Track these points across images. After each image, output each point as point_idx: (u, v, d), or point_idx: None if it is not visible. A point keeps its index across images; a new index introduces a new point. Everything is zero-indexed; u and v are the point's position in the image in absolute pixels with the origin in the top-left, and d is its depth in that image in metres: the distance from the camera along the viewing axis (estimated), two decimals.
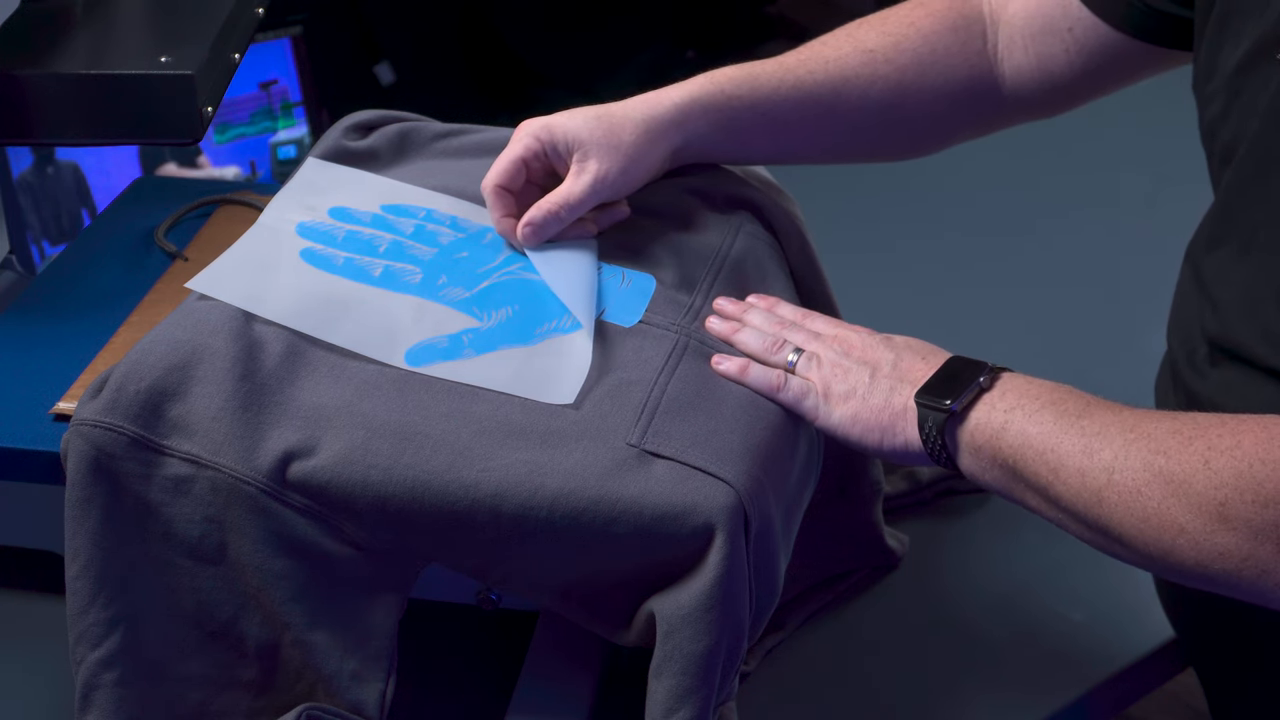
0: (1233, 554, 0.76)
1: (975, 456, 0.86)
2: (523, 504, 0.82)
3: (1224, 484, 0.76)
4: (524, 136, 0.99)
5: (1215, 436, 0.77)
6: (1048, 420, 0.83)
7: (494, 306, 0.95)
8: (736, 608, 0.83)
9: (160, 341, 0.88)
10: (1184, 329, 1.01)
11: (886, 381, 0.90)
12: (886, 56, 1.06)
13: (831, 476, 1.04)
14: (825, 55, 1.06)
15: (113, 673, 0.85)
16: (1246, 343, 0.91)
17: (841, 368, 0.91)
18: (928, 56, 1.06)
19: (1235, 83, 0.91)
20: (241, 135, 2.23)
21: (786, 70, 1.05)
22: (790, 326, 0.96)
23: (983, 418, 0.86)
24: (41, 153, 1.89)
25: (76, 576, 0.85)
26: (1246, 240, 0.91)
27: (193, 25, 1.10)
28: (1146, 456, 0.79)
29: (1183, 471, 0.77)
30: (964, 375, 0.88)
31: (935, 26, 1.07)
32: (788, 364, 0.93)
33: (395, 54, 2.71)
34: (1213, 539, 0.76)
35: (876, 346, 0.93)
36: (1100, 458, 0.80)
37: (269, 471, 0.83)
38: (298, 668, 0.87)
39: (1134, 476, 0.79)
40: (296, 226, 1.01)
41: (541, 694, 0.92)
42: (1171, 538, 0.78)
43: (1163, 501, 0.78)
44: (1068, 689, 1.04)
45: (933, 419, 0.87)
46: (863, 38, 1.07)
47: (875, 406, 0.89)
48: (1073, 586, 1.10)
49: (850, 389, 0.90)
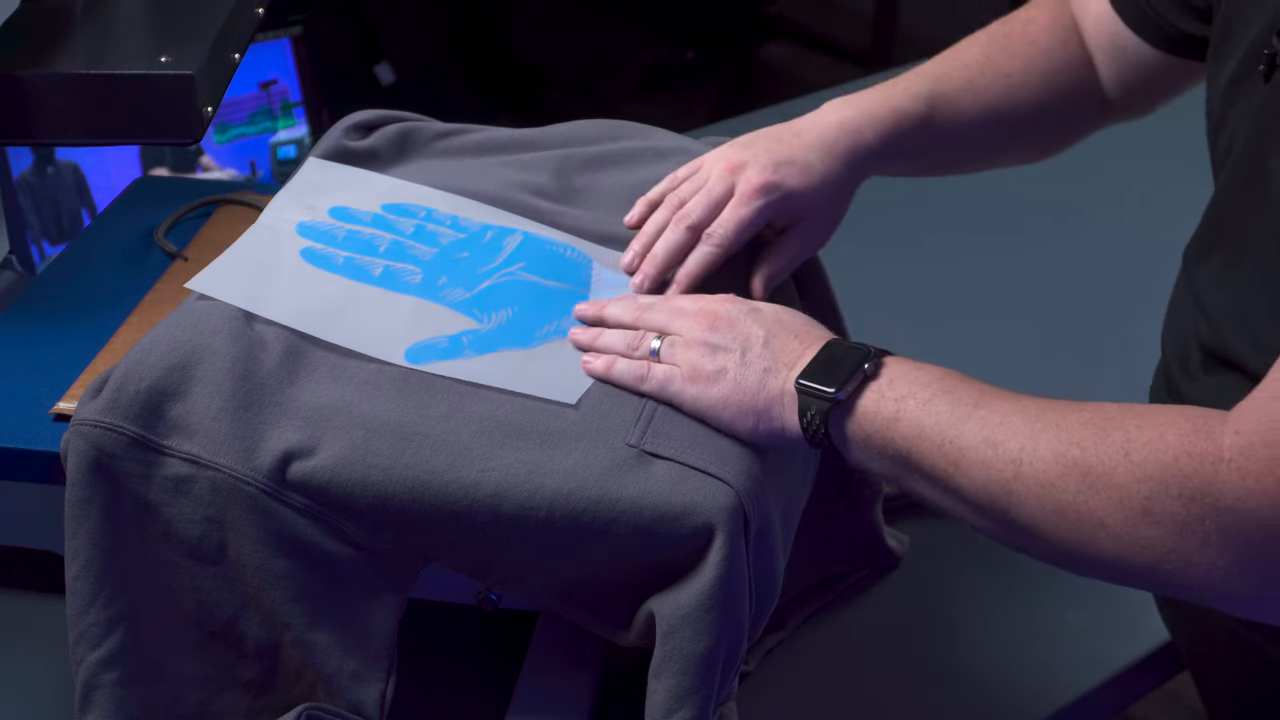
0: (1155, 547, 0.74)
1: (863, 447, 0.84)
2: (522, 504, 0.82)
3: (1148, 477, 0.74)
4: (766, 209, 0.97)
5: (1134, 428, 0.75)
6: (942, 409, 0.81)
7: (494, 308, 0.95)
8: (736, 608, 0.83)
9: (160, 341, 0.88)
10: (1178, 334, 1.01)
11: (759, 362, 0.87)
12: (1021, 80, 1.09)
13: (831, 476, 1.04)
14: (976, 85, 1.08)
15: (113, 673, 0.85)
16: (1236, 349, 0.91)
17: (708, 346, 0.88)
18: (1051, 74, 1.10)
19: (1230, 93, 0.92)
20: (241, 135, 2.23)
21: (950, 103, 1.07)
22: (650, 309, 0.93)
23: (871, 407, 0.83)
24: (41, 153, 1.89)
25: (76, 576, 0.85)
26: (1237, 248, 0.91)
27: (193, 25, 1.10)
28: (1058, 447, 0.77)
29: (1101, 464, 0.75)
30: (847, 361, 0.85)
31: (1050, 43, 1.10)
32: (651, 353, 0.90)
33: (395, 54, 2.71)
34: (1135, 532, 0.74)
35: (744, 319, 0.89)
36: (1006, 449, 0.78)
37: (269, 471, 0.83)
38: (298, 668, 0.87)
39: (1045, 468, 0.77)
40: (297, 226, 1.01)
41: (541, 694, 0.92)
42: (1090, 531, 0.75)
43: (1079, 494, 0.75)
44: (1067, 689, 1.04)
45: (816, 407, 0.84)
46: (999, 62, 1.10)
47: (749, 389, 0.86)
48: (1073, 587, 1.10)
49: (719, 369, 0.87)
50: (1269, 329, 0.87)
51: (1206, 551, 0.73)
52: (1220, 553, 0.73)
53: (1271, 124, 0.86)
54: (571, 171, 1.08)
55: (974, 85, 1.08)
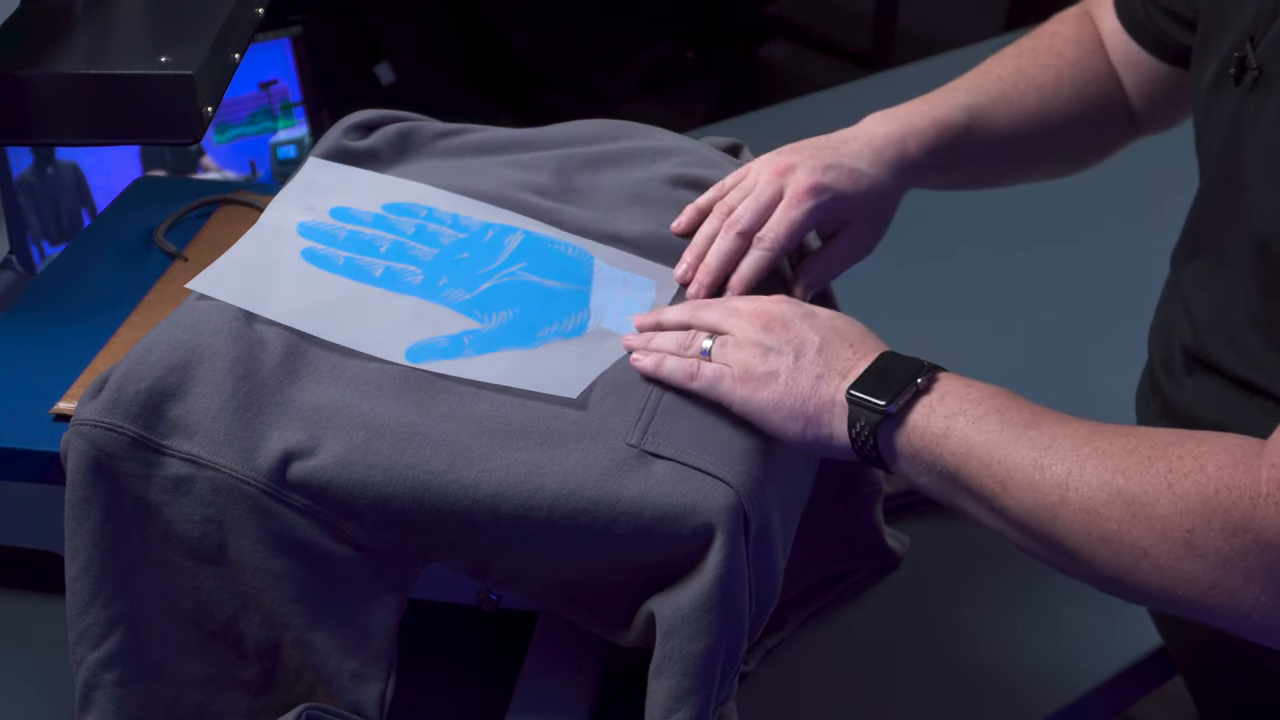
0: (1199, 581, 0.74)
1: (911, 461, 0.83)
2: (523, 504, 0.82)
3: (1190, 509, 0.73)
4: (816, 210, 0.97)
5: (1176, 458, 0.75)
6: (992, 429, 0.80)
7: (494, 309, 0.96)
8: (736, 608, 0.83)
9: (160, 341, 0.88)
10: (1163, 338, 1.01)
11: (812, 368, 0.86)
12: (1053, 90, 1.10)
13: (831, 476, 1.04)
14: (1011, 96, 1.09)
15: (113, 673, 0.85)
16: (1215, 353, 0.91)
17: (761, 348, 0.87)
18: (1080, 85, 1.11)
19: (1208, 98, 0.92)
20: (241, 135, 2.23)
21: (987, 114, 1.08)
22: (705, 308, 0.92)
23: (921, 421, 0.83)
24: (41, 153, 1.89)
25: (76, 576, 0.85)
26: (1216, 252, 0.92)
27: (193, 25, 1.10)
28: (1104, 475, 0.76)
29: (1144, 494, 0.75)
30: (899, 374, 0.84)
31: (1078, 54, 1.11)
32: (702, 353, 0.89)
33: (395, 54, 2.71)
34: (1178, 565, 0.74)
35: (799, 323, 0.88)
36: (1053, 473, 0.78)
37: (269, 471, 0.83)
38: (298, 668, 0.87)
39: (1091, 495, 0.76)
40: (297, 226, 1.01)
41: (541, 694, 0.92)
42: (1133, 560, 0.75)
43: (1123, 523, 0.75)
44: (1068, 689, 1.04)
45: (866, 418, 0.83)
46: (1031, 73, 1.10)
47: (800, 394, 0.85)
48: (1072, 587, 1.09)
49: (772, 371, 0.86)
50: (1246, 333, 0.87)
51: (1250, 587, 0.72)
52: (1265, 588, 0.72)
53: (1244, 128, 0.87)
54: (572, 171, 1.08)
55: (1008, 96, 1.08)
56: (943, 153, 1.04)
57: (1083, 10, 1.14)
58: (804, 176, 0.97)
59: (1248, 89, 0.86)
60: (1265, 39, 0.85)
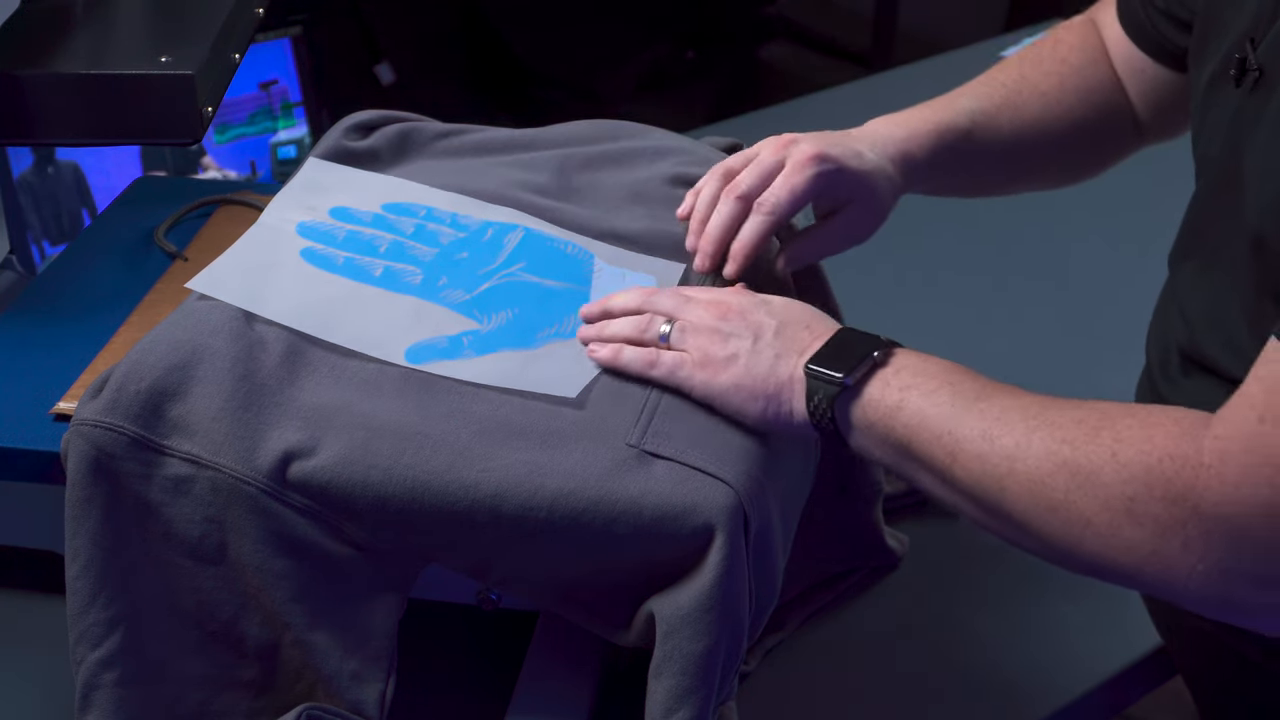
0: (1138, 549, 0.74)
1: (866, 433, 0.84)
2: (523, 504, 0.82)
3: (1133, 478, 0.74)
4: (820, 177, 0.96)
5: (1124, 428, 0.76)
6: (944, 400, 0.81)
7: (494, 309, 0.96)
8: (736, 608, 0.83)
9: (160, 341, 0.88)
10: (1160, 338, 1.01)
11: (770, 349, 0.87)
12: (1056, 98, 1.10)
13: (831, 476, 1.04)
14: (1014, 103, 1.09)
15: (113, 673, 0.85)
16: (1212, 353, 0.91)
17: (720, 334, 0.88)
18: (1084, 93, 1.10)
19: (1205, 99, 0.92)
20: (241, 135, 2.23)
21: (990, 120, 1.08)
22: (657, 294, 0.93)
23: (876, 394, 0.84)
24: (41, 153, 1.89)
25: (76, 576, 0.85)
26: (1212, 253, 0.92)
27: (193, 25, 1.10)
28: (1050, 445, 0.77)
29: (1089, 463, 0.75)
30: (857, 348, 0.86)
31: (1082, 62, 1.11)
32: (660, 337, 0.90)
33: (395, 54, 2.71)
34: (1119, 533, 0.74)
35: (755, 309, 0.90)
36: (1001, 444, 0.78)
37: (269, 471, 0.83)
38: (298, 668, 0.87)
39: (1037, 465, 0.77)
40: (297, 226, 1.01)
41: (541, 694, 0.92)
42: (1078, 530, 0.76)
43: (1069, 493, 0.76)
44: (1067, 688, 1.04)
45: (823, 391, 0.84)
46: (1034, 79, 1.10)
47: (759, 374, 0.87)
48: (1072, 586, 1.10)
49: (731, 354, 0.87)
50: (1242, 333, 0.87)
51: (1187, 556, 0.73)
52: (1201, 557, 0.73)
53: (1242, 130, 0.87)
54: (571, 170, 1.08)
55: (1012, 103, 1.09)
56: (945, 157, 1.04)
57: (1087, 19, 1.14)
58: (808, 146, 0.97)
59: (1248, 91, 0.86)
60: (1265, 40, 0.85)
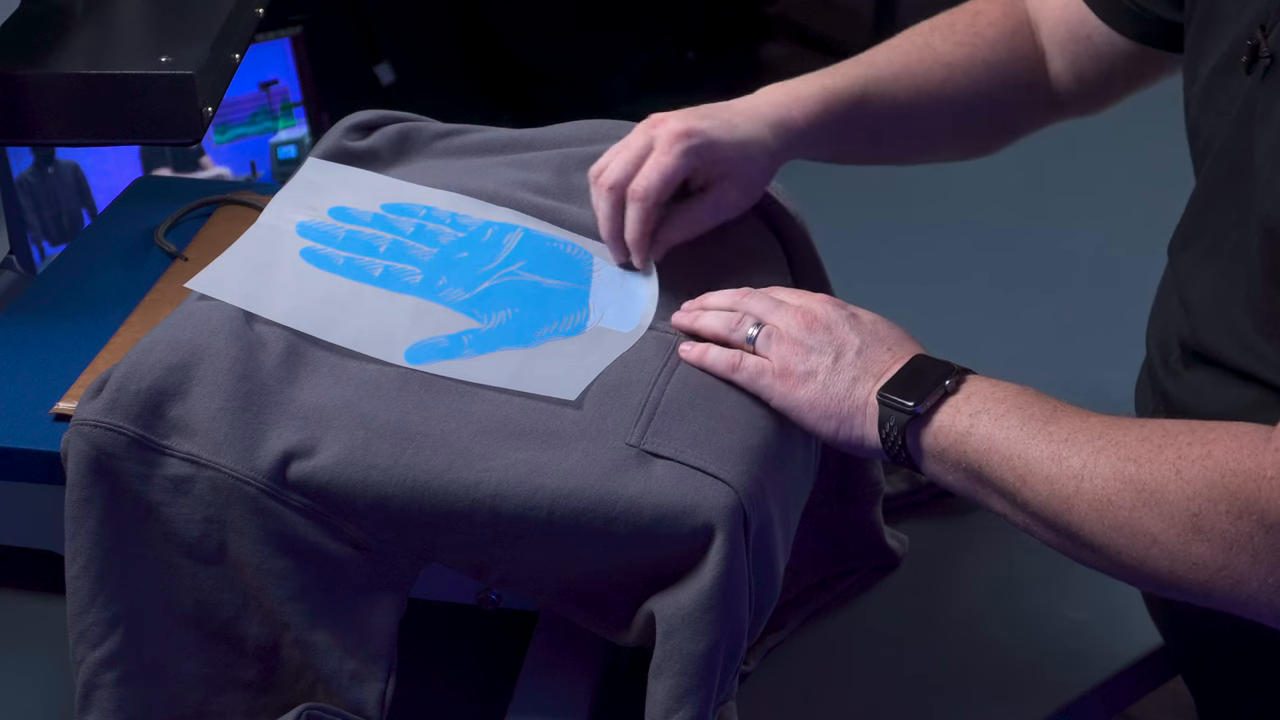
0: (1207, 565, 0.75)
1: (938, 459, 0.85)
2: (522, 504, 0.82)
3: (1197, 494, 0.74)
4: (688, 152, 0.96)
5: (1185, 445, 0.76)
6: (1013, 425, 0.82)
7: (494, 308, 0.96)
8: (736, 607, 0.83)
9: (160, 341, 0.88)
10: (1160, 331, 1.01)
11: (850, 370, 0.88)
12: (963, 69, 1.08)
13: (831, 476, 1.04)
14: (914, 71, 1.08)
15: (113, 672, 0.85)
16: (1215, 345, 0.91)
17: (803, 346, 0.89)
18: (995, 65, 1.09)
19: (1210, 87, 0.92)
20: (241, 135, 2.23)
21: (884, 88, 1.07)
22: (749, 296, 0.94)
23: (947, 421, 0.84)
24: (41, 153, 1.89)
25: (76, 576, 0.85)
26: (1215, 243, 0.91)
27: (193, 25, 1.11)
28: (1116, 464, 0.78)
29: (1154, 480, 0.76)
30: (929, 375, 0.86)
31: (998, 35, 1.10)
32: (747, 339, 0.91)
33: (395, 54, 2.71)
34: (1187, 550, 0.75)
35: (842, 324, 0.90)
36: (1069, 465, 0.79)
37: (269, 471, 0.83)
38: (298, 668, 0.87)
39: (1104, 485, 0.78)
40: (297, 226, 1.01)
41: (541, 694, 0.92)
42: (1145, 547, 0.77)
43: (1134, 510, 0.77)
44: (1067, 689, 1.04)
45: (895, 419, 0.85)
46: (940, 49, 1.09)
47: (836, 395, 0.88)
48: (1072, 587, 1.10)
49: (810, 370, 0.88)
50: (1246, 324, 0.87)
51: (1257, 568, 0.73)
52: (1272, 569, 0.73)
53: (1251, 118, 0.86)
54: (571, 170, 1.08)
55: (911, 70, 1.07)
56: (830, 122, 1.03)
57: None
58: (674, 123, 0.97)
59: (1259, 78, 0.85)
60: (1278, 27, 0.84)
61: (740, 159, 0.99)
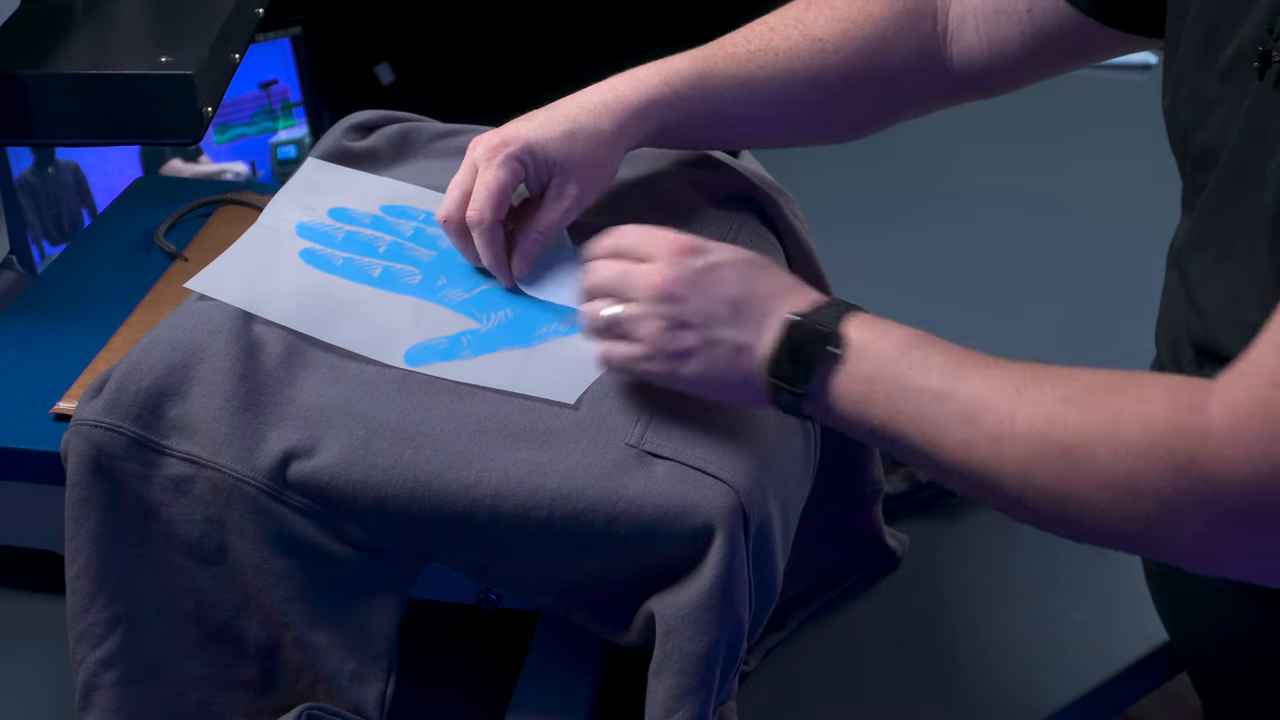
0: (1140, 520, 0.72)
1: (842, 423, 0.82)
2: (522, 504, 0.82)
3: (1131, 454, 0.72)
4: (508, 160, 0.95)
5: (1115, 405, 0.74)
6: (914, 383, 0.78)
7: (493, 309, 0.96)
8: (736, 607, 0.83)
9: (160, 342, 0.88)
10: (1171, 333, 1.01)
11: (727, 344, 0.83)
12: (836, 45, 1.03)
13: (831, 476, 1.04)
14: (775, 47, 1.04)
15: (113, 672, 0.85)
16: (1230, 346, 0.90)
17: (667, 322, 0.84)
18: (877, 43, 1.04)
19: (1216, 89, 0.91)
20: (241, 135, 2.23)
21: (738, 65, 1.03)
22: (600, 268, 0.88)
23: (843, 392, 0.81)
24: (41, 153, 1.89)
25: (76, 576, 0.85)
26: (1225, 245, 0.91)
27: (193, 25, 1.11)
28: (1038, 425, 0.75)
29: (1082, 444, 0.73)
30: (811, 346, 0.81)
31: (885, 11, 1.05)
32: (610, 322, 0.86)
33: (395, 54, 2.71)
34: (1120, 508, 0.73)
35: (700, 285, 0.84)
36: (983, 426, 0.76)
37: (269, 472, 0.83)
38: (298, 668, 0.87)
39: (1025, 447, 0.75)
40: (296, 227, 1.01)
41: (541, 694, 0.92)
42: (1075, 507, 0.74)
43: (1062, 472, 0.74)
44: (1067, 689, 1.04)
45: (786, 400, 0.82)
46: (812, 25, 1.05)
47: (718, 372, 0.84)
48: (1072, 586, 1.10)
49: (684, 349, 0.84)
50: (1261, 324, 0.87)
51: (1194, 522, 0.72)
52: (1206, 522, 0.71)
53: (1265, 123, 0.86)
54: None
55: (772, 47, 1.04)
56: (671, 100, 1.00)
57: None
58: (489, 138, 0.96)
59: (1271, 83, 0.85)
60: None
61: (566, 152, 0.97)
